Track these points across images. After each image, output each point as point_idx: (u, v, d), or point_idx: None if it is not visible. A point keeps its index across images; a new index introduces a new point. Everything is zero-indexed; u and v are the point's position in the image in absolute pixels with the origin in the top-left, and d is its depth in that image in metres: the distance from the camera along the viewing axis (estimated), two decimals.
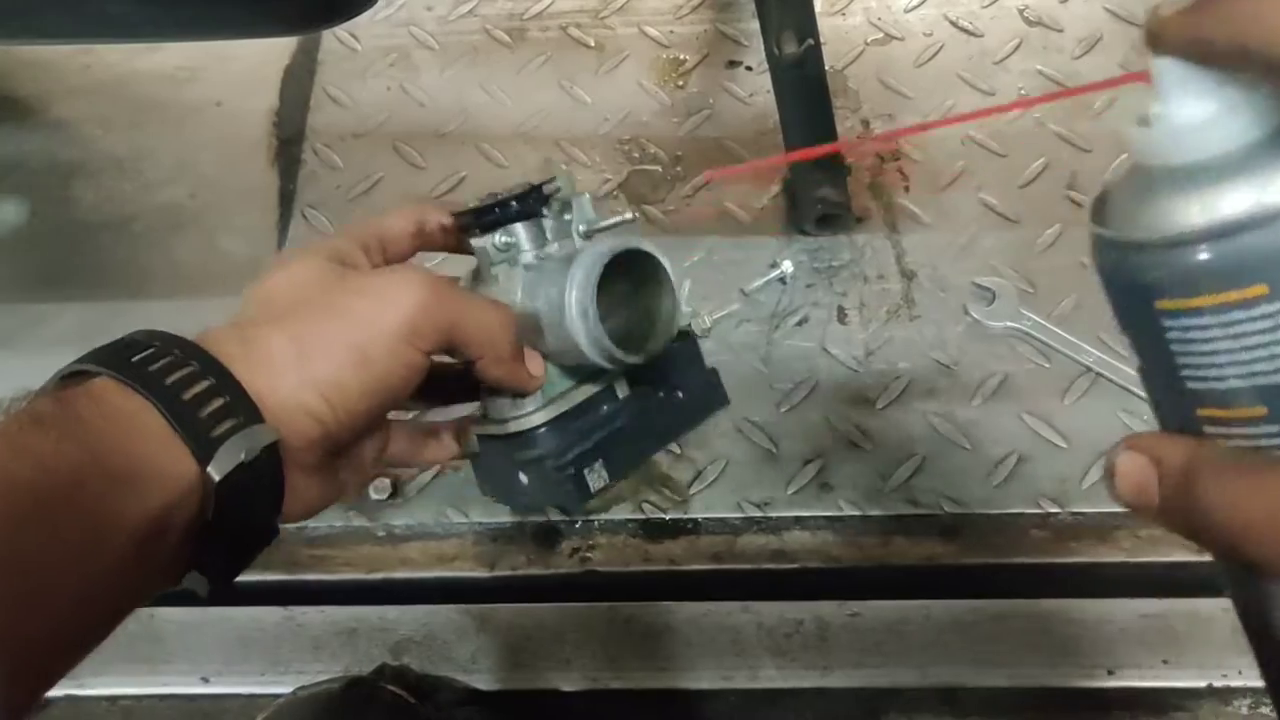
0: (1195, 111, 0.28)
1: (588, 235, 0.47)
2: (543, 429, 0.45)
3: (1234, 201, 0.26)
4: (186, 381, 0.35)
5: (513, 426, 0.45)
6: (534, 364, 0.45)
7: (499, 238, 0.45)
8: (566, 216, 0.47)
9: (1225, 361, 0.27)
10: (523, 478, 0.46)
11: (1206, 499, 0.27)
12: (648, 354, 0.45)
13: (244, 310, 0.40)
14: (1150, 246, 0.28)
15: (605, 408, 0.47)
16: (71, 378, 0.35)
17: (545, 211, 0.46)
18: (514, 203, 0.45)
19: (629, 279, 0.45)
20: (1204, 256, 0.27)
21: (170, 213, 0.84)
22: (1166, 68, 0.29)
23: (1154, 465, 0.29)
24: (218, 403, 0.35)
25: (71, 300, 0.81)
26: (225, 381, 0.36)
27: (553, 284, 0.44)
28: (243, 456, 0.35)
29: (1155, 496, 0.29)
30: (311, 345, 0.38)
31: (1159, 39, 0.29)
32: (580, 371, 0.46)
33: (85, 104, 0.90)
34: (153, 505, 0.33)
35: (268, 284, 0.41)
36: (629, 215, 0.48)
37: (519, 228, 0.45)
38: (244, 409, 0.35)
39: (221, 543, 0.36)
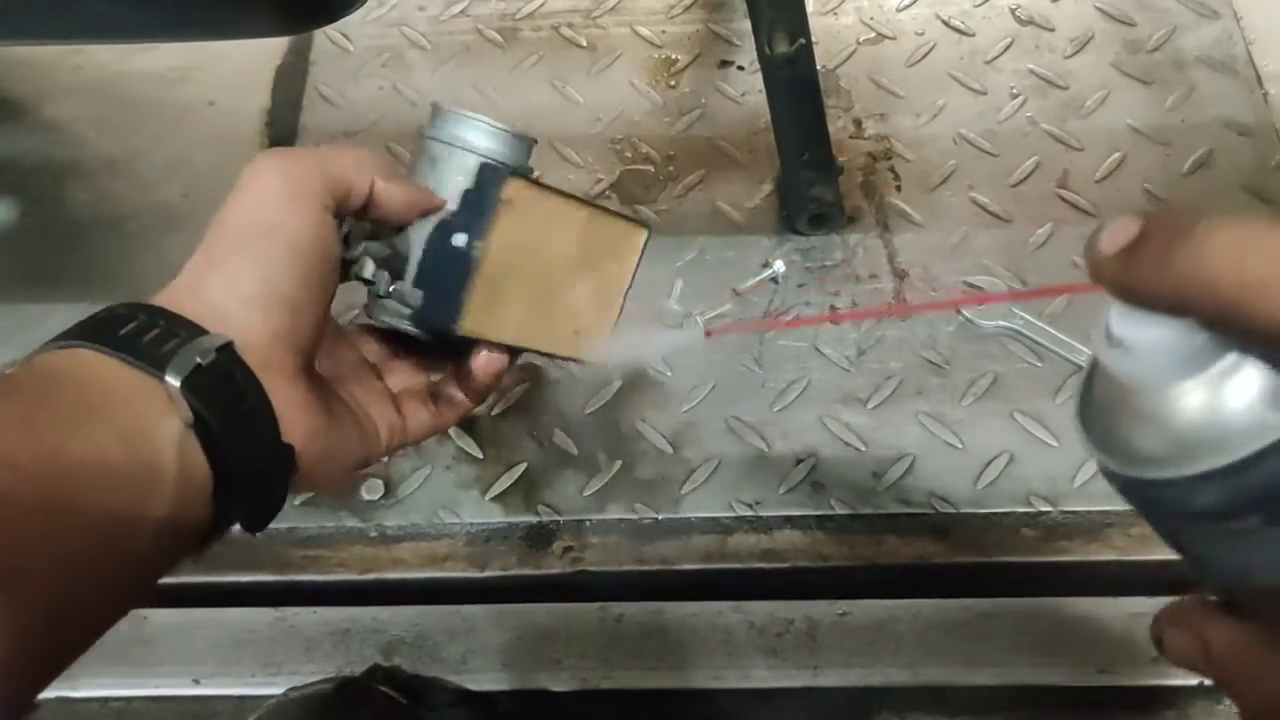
0: (1155, 343, 0.26)
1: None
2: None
3: (1210, 446, 0.25)
4: (137, 329, 0.37)
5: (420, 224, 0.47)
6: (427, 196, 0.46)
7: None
8: None
9: (1245, 566, 0.28)
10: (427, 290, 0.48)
11: (1251, 688, 0.30)
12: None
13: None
14: (1155, 484, 0.27)
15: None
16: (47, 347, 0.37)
17: None
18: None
19: None
20: (1209, 492, 0.26)
21: (163, 213, 0.84)
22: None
23: (1199, 644, 0.31)
24: (155, 331, 0.37)
25: (64, 301, 0.81)
26: (161, 314, 0.38)
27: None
28: (197, 359, 0.36)
29: (1204, 669, 0.31)
30: (218, 251, 0.40)
31: (1099, 278, 0.26)
32: None
33: (77, 104, 0.90)
34: (118, 441, 0.34)
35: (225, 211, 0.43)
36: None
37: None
38: (184, 328, 0.37)
39: (228, 460, 0.37)
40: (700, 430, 0.72)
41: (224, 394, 0.37)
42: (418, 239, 0.46)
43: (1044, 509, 0.68)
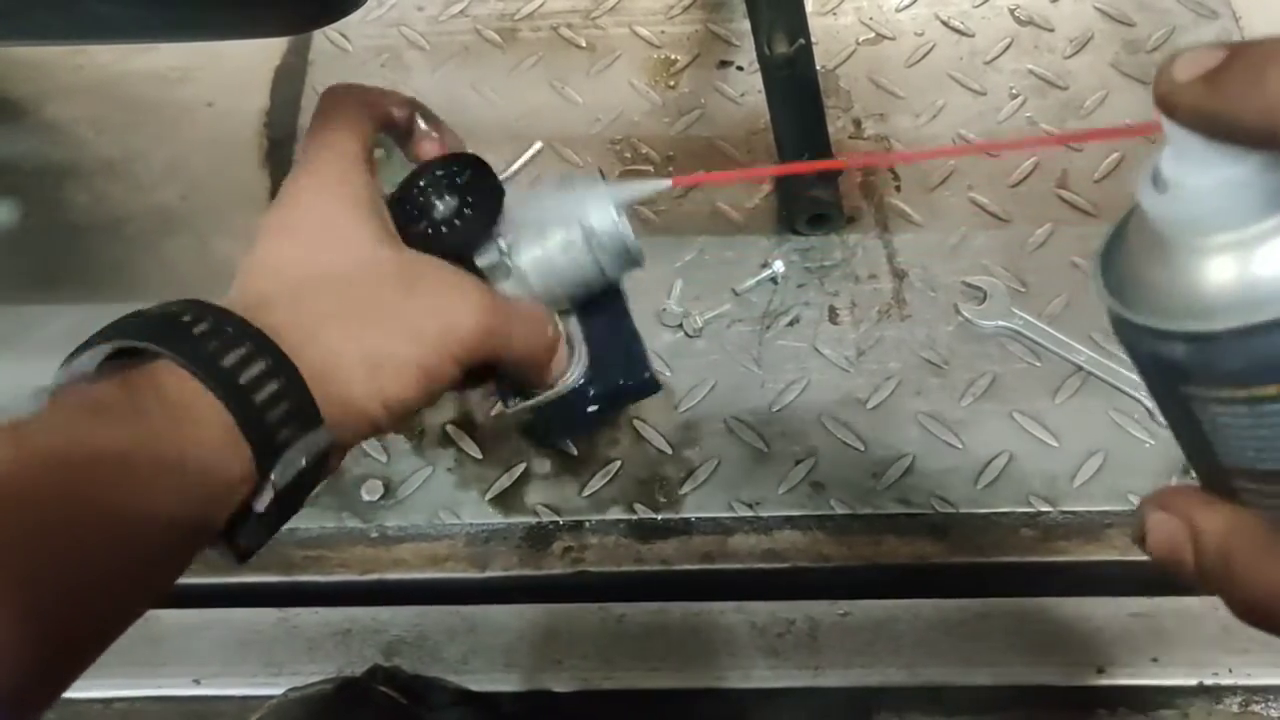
0: (1215, 182, 0.24)
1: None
2: (590, 372, 0.48)
3: (1263, 300, 0.24)
4: (256, 382, 0.34)
5: (564, 389, 0.48)
6: (560, 349, 0.47)
7: (503, 243, 0.46)
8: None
9: (1261, 446, 0.26)
10: (595, 408, 0.49)
11: (1245, 577, 0.27)
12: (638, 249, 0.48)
13: (277, 278, 0.39)
14: (1181, 336, 0.25)
15: (608, 316, 0.50)
16: (129, 354, 0.35)
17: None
18: (485, 207, 0.45)
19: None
20: (1240, 353, 0.24)
21: (162, 214, 0.84)
22: (1183, 135, 0.25)
23: (1188, 528, 0.29)
24: (284, 406, 0.35)
25: (63, 303, 0.81)
26: (292, 382, 0.35)
27: (565, 245, 0.45)
28: (303, 463, 0.35)
29: (1189, 559, 0.29)
30: (385, 364, 0.38)
31: (1173, 108, 0.24)
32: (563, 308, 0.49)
33: (77, 105, 0.90)
34: (199, 504, 0.33)
35: (301, 256, 0.40)
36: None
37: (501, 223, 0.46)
38: (307, 414, 0.35)
39: (264, 529, 0.36)
40: (700, 430, 0.72)
41: (299, 491, 0.36)
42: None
43: (1043, 509, 0.68)
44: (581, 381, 0.48)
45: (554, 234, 0.45)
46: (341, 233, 0.41)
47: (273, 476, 0.34)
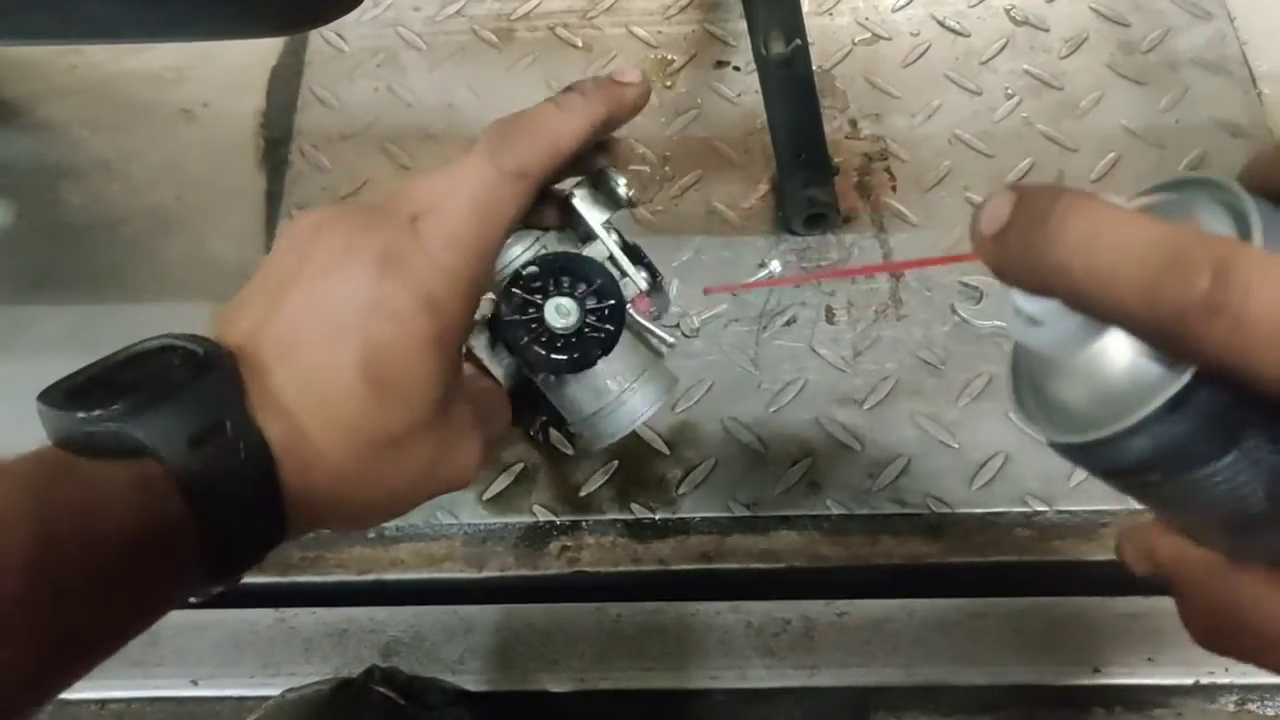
0: (1050, 317, 0.27)
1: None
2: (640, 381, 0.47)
3: (1095, 418, 0.26)
4: (240, 515, 0.34)
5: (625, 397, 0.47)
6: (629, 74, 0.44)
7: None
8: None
9: (1166, 510, 0.31)
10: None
11: (1187, 606, 0.33)
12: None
13: (308, 349, 0.36)
14: (1052, 444, 0.29)
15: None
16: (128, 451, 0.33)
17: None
18: (586, 355, 0.46)
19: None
20: (1094, 461, 0.27)
21: (158, 215, 0.84)
22: None
23: (1149, 565, 0.34)
24: (253, 507, 0.34)
25: (59, 303, 0.81)
26: (268, 486, 0.35)
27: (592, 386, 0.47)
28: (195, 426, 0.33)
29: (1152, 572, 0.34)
30: (361, 518, 0.39)
31: (981, 259, 0.27)
32: None
33: (72, 105, 0.90)
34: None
35: (385, 359, 0.37)
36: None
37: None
38: (272, 510, 0.35)
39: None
40: (697, 431, 0.72)
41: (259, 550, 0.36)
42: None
43: (1039, 509, 0.68)
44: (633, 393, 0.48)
45: (598, 381, 0.47)
46: (401, 358, 0.37)
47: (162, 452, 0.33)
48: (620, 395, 0.46)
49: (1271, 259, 0.22)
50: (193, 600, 0.36)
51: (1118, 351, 0.26)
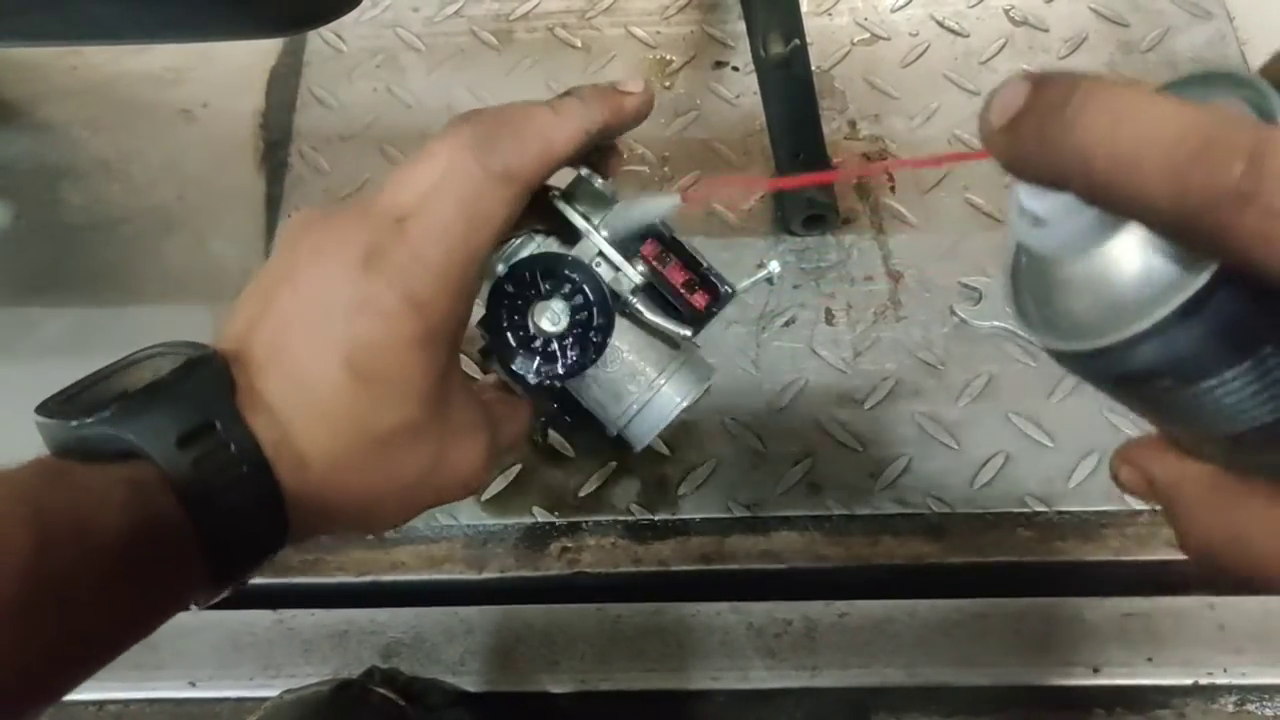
0: (1060, 214, 0.26)
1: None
2: (668, 374, 0.47)
3: (1107, 323, 0.25)
4: (236, 516, 0.34)
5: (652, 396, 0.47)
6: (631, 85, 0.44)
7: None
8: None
9: (1172, 418, 0.29)
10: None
11: (1186, 526, 0.30)
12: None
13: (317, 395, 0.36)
14: (1057, 353, 0.27)
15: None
16: (116, 446, 0.33)
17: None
18: (580, 359, 0.45)
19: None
20: (1108, 367, 0.26)
21: (158, 215, 0.84)
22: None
23: (1145, 481, 0.32)
24: (251, 520, 0.34)
25: (60, 304, 0.81)
26: (270, 497, 0.34)
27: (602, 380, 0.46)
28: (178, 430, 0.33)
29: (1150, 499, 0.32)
30: (371, 513, 0.38)
31: (991, 152, 0.25)
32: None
33: (72, 106, 0.90)
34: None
35: (385, 377, 0.37)
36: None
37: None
38: (272, 520, 0.35)
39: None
40: (697, 431, 0.72)
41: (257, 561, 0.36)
42: None
43: (1039, 509, 0.68)
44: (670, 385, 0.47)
45: (618, 383, 0.46)
46: (389, 368, 0.37)
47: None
48: (645, 393, 0.46)
49: None
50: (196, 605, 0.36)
51: (1130, 251, 0.25)
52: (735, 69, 0.87)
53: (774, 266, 0.78)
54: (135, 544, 0.31)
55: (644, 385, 0.46)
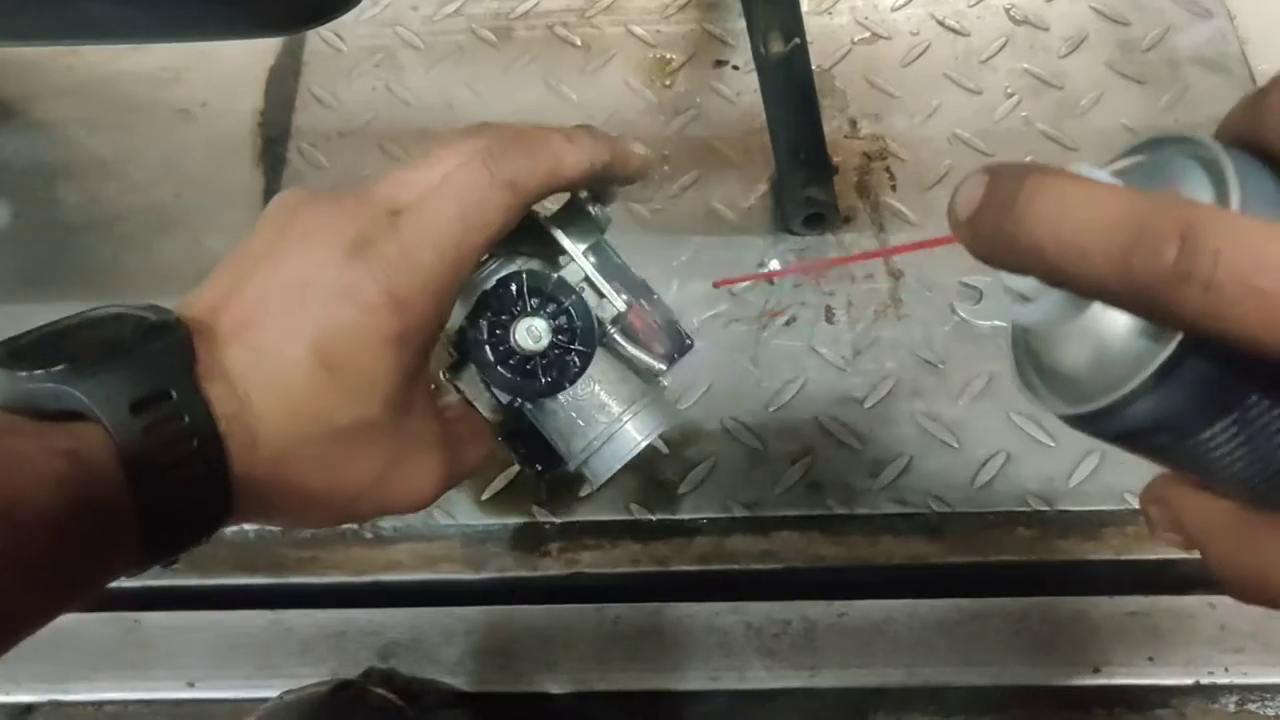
0: (1033, 295, 0.28)
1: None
2: (633, 410, 0.46)
3: (1092, 389, 0.26)
4: (180, 486, 0.33)
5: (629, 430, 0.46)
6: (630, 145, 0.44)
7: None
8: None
9: (1179, 467, 0.30)
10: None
11: (1220, 563, 0.30)
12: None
13: (265, 332, 0.36)
14: (1062, 416, 0.28)
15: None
16: (61, 404, 0.32)
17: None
18: (558, 379, 0.44)
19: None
20: (1103, 428, 0.27)
21: (156, 214, 0.84)
22: None
23: (1174, 521, 0.32)
24: (191, 456, 0.33)
25: (56, 302, 0.80)
26: (216, 492, 0.34)
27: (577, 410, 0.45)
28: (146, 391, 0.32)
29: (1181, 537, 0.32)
30: (310, 510, 0.38)
31: (959, 241, 0.27)
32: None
33: (69, 104, 0.90)
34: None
35: (310, 376, 0.36)
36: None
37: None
38: (218, 487, 0.34)
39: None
40: (696, 431, 0.72)
41: (203, 525, 0.34)
42: None
43: (1040, 508, 0.68)
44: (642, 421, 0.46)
45: (585, 412, 0.45)
46: (354, 357, 0.36)
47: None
48: (611, 426, 0.45)
49: (1239, 219, 0.23)
50: (170, 590, 0.35)
51: (1107, 322, 0.26)
52: (735, 67, 0.87)
53: (774, 265, 0.78)
54: (67, 526, 0.30)
55: (611, 417, 0.45)
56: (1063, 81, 0.84)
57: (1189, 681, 0.65)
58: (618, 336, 0.46)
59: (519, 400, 0.45)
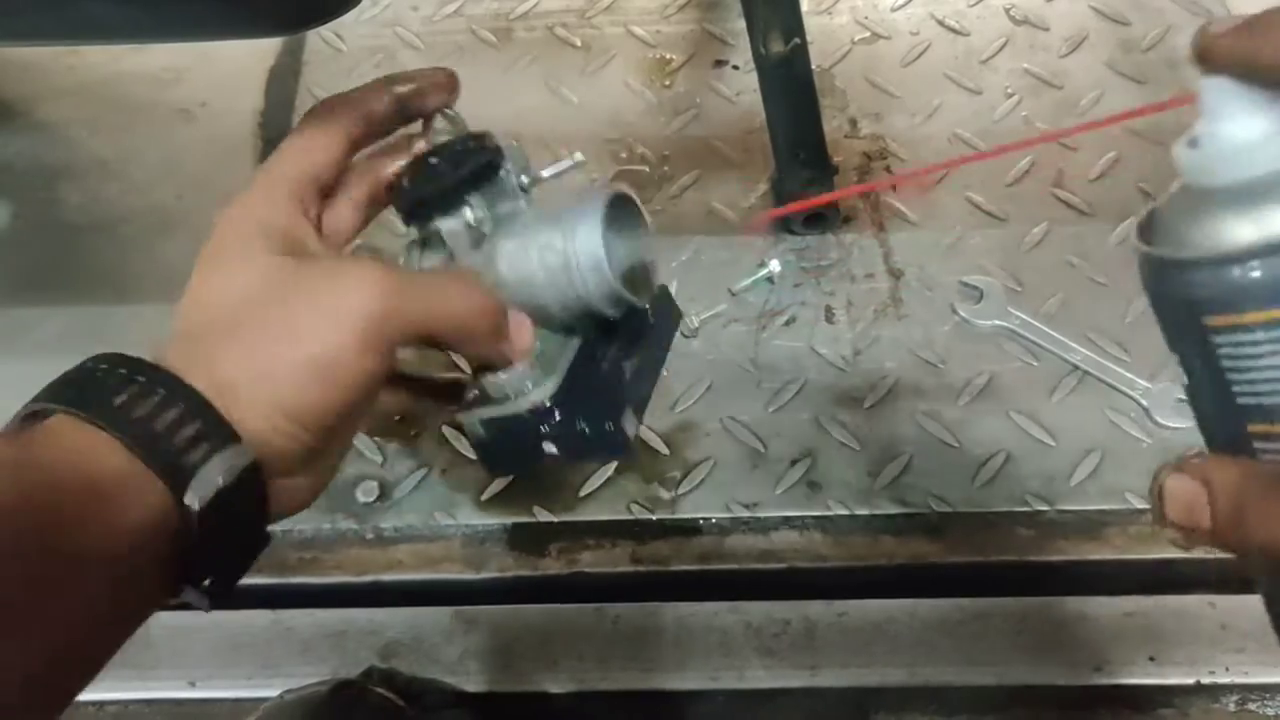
0: (1243, 131, 0.28)
1: (531, 185, 0.45)
2: (560, 397, 0.42)
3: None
4: (155, 410, 0.33)
5: (525, 404, 0.42)
6: (522, 334, 0.42)
7: (471, 214, 0.42)
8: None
9: (1276, 377, 0.28)
10: (551, 448, 0.43)
11: (1256, 521, 0.28)
12: (649, 293, 0.43)
13: (186, 319, 0.38)
14: (1201, 264, 0.28)
15: (601, 353, 0.44)
16: (30, 418, 0.34)
17: (502, 170, 0.44)
18: (467, 170, 0.42)
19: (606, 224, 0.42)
20: (1255, 274, 0.27)
21: (157, 214, 0.84)
22: (1216, 87, 0.29)
23: (1204, 487, 0.29)
24: (190, 429, 0.33)
25: (58, 304, 0.81)
26: (195, 404, 0.34)
27: (544, 245, 0.41)
28: (220, 482, 0.33)
29: (1206, 518, 0.29)
30: (271, 367, 0.36)
31: (1209, 57, 0.29)
32: (556, 325, 0.44)
33: (71, 105, 0.90)
34: (121, 541, 0.32)
35: (206, 289, 0.39)
36: (578, 156, 0.46)
37: (476, 196, 0.43)
38: (218, 432, 0.34)
39: (211, 562, 0.35)
40: (697, 431, 0.72)
41: (233, 515, 0.34)
42: None
43: (1040, 508, 0.68)
44: (545, 405, 0.42)
45: (540, 234, 0.41)
46: (233, 255, 0.40)
47: (186, 499, 0.33)
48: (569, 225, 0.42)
49: None
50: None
51: None
52: (735, 67, 0.87)
53: (774, 265, 0.78)
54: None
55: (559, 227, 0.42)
56: (1063, 81, 0.84)
57: (1190, 681, 0.65)
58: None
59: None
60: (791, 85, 0.77)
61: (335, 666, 0.67)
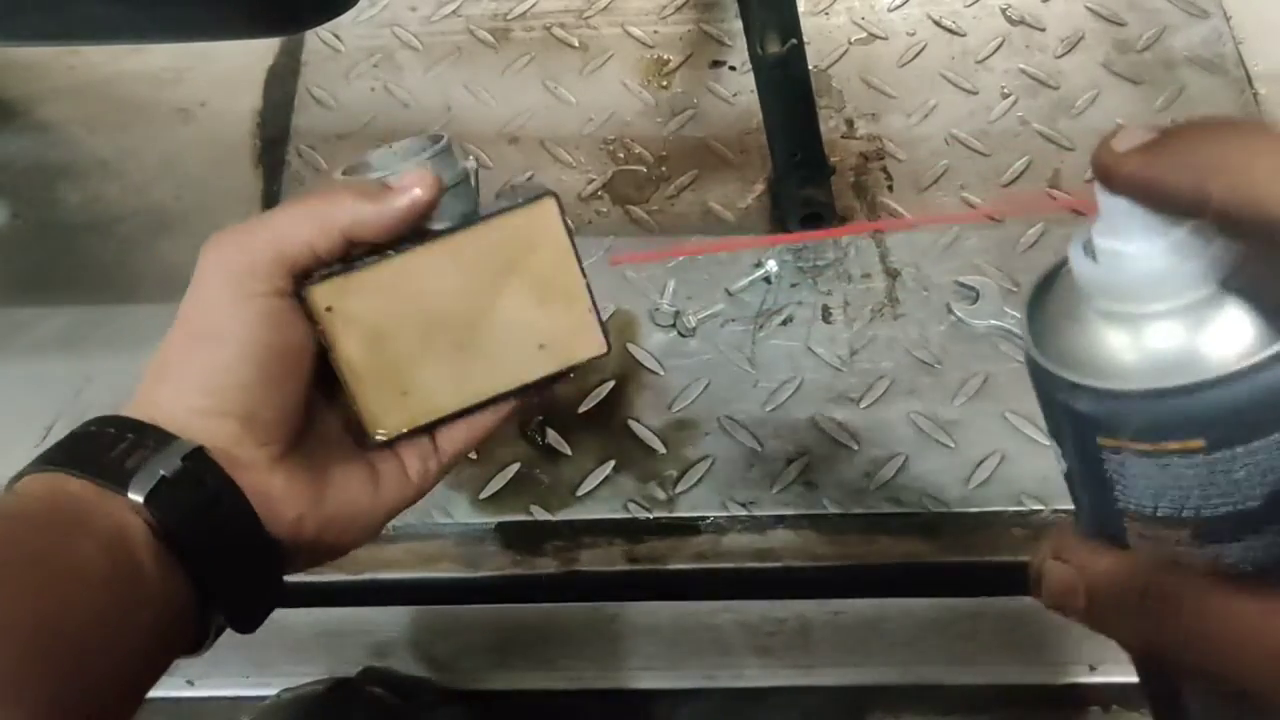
0: (1144, 260, 0.27)
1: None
2: None
3: (1181, 366, 0.26)
4: (104, 442, 0.37)
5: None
6: (416, 179, 0.41)
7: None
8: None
9: (1157, 492, 0.28)
10: None
11: (1117, 618, 0.30)
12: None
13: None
14: (1096, 392, 0.27)
15: None
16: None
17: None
18: None
19: None
20: (1148, 413, 0.26)
21: (156, 214, 0.84)
22: (1117, 205, 0.27)
23: (1079, 573, 0.30)
24: (126, 443, 0.36)
25: (56, 304, 0.81)
26: (129, 425, 0.37)
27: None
28: (161, 472, 0.36)
29: (1080, 603, 0.30)
30: (173, 360, 0.39)
31: (1111, 179, 0.27)
32: None
33: (70, 105, 0.90)
34: (96, 558, 0.34)
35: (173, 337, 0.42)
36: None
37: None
38: (152, 436, 0.37)
39: (210, 563, 0.37)
40: (693, 430, 0.72)
41: (192, 504, 0.37)
42: None
43: (1035, 508, 0.68)
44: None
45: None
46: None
47: (130, 494, 0.35)
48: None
49: None
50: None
51: (1225, 301, 0.26)
52: (732, 68, 0.87)
53: (771, 265, 0.78)
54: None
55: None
56: (1059, 81, 0.84)
57: None
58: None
59: None
60: (788, 86, 0.77)
61: (331, 665, 0.67)
